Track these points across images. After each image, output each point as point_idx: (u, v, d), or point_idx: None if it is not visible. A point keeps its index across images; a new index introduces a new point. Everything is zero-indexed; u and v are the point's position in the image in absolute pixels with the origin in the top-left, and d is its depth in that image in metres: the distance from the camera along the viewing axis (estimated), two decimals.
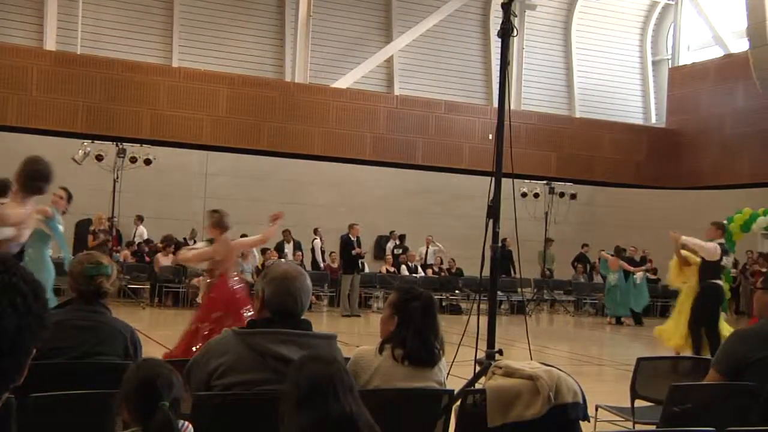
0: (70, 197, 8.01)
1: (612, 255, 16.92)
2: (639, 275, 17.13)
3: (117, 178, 15.22)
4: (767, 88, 18.53)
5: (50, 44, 18.43)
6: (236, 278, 7.41)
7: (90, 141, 16.35)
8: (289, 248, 17.40)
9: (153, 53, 19.61)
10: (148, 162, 16.62)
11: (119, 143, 16.08)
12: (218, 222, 6.94)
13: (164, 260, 16.08)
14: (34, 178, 5.36)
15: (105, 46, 18.85)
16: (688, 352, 9.92)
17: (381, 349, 3.24)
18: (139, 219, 17.45)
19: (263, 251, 16.94)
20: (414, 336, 3.22)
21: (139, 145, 16.87)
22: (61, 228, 7.23)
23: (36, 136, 17.18)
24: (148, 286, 16.13)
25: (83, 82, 17.77)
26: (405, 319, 3.25)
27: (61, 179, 18.30)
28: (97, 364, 3.33)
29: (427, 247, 19.10)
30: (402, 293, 3.37)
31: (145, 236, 17.49)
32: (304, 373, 2.24)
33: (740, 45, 20.87)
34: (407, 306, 3.27)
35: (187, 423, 2.41)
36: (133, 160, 16.30)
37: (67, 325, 3.34)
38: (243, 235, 17.14)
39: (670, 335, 10.51)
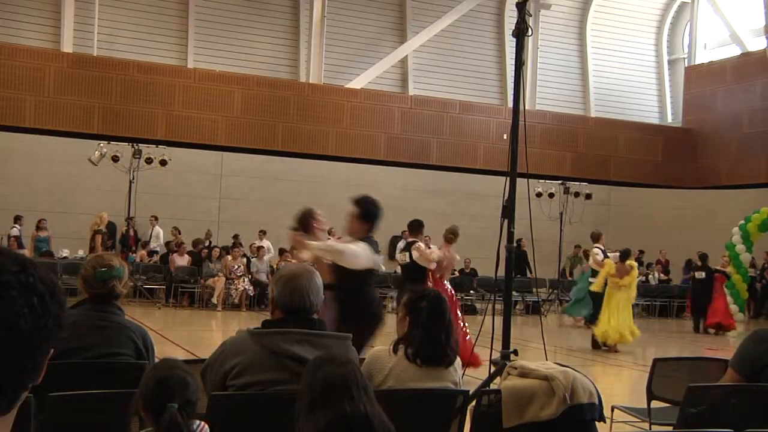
0: None
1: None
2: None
3: (133, 179, 15.31)
4: None
5: (67, 46, 18.56)
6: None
7: (106, 142, 16.45)
8: None
9: (168, 54, 19.71)
10: (163, 163, 16.70)
11: (135, 144, 16.16)
12: (454, 238, 9.33)
13: (179, 260, 16.15)
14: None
15: (121, 48, 18.96)
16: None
17: (395, 349, 3.25)
18: (155, 219, 17.54)
19: (280, 252, 16.98)
20: (423, 335, 3.22)
21: (154, 146, 16.95)
22: None
23: (53, 138, 17.34)
24: (164, 287, 16.21)
25: (99, 84, 17.88)
26: (415, 319, 3.26)
27: (77, 180, 18.46)
28: (112, 365, 3.34)
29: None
30: (413, 293, 3.39)
31: (162, 237, 17.56)
32: (319, 373, 2.25)
33: (758, 43, 20.70)
34: (417, 306, 3.28)
35: (203, 423, 2.41)
36: (149, 160, 16.39)
37: (81, 325, 3.36)
38: (262, 231, 17.37)
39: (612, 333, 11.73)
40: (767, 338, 3.84)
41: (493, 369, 5.43)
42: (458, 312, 9.16)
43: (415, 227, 9.42)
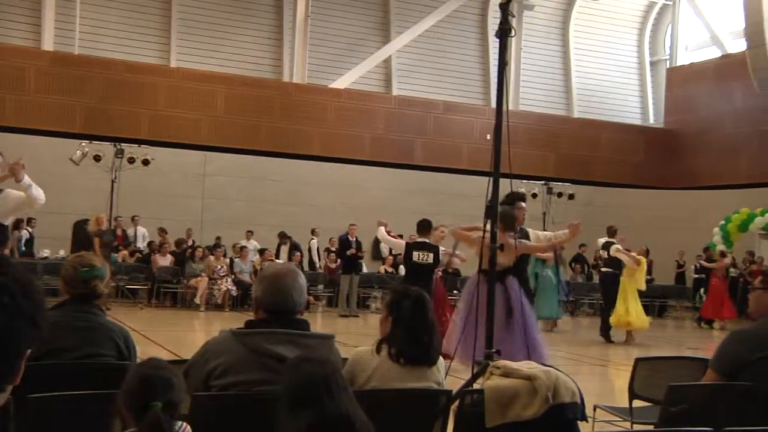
0: None
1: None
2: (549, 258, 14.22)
3: (115, 178, 15.21)
4: (765, 89, 18.55)
5: (48, 44, 18.42)
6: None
7: (88, 141, 16.34)
8: (284, 250, 17.38)
9: (151, 53, 19.61)
10: (146, 162, 16.62)
11: (117, 144, 16.07)
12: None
13: (162, 260, 16.07)
14: None
15: (103, 47, 18.84)
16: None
17: (378, 349, 3.25)
18: (136, 219, 17.44)
19: (261, 252, 16.94)
20: (406, 334, 3.22)
21: (137, 145, 16.87)
22: None
23: (34, 137, 17.18)
24: (146, 287, 16.12)
25: (81, 83, 17.75)
26: (398, 319, 3.27)
27: (59, 179, 18.30)
28: (94, 365, 3.32)
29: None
30: (396, 293, 3.39)
31: (147, 237, 17.47)
32: (298, 373, 2.24)
33: (738, 45, 20.88)
34: (399, 305, 3.29)
35: (185, 424, 2.40)
36: (131, 160, 16.30)
37: (62, 326, 3.33)
38: (249, 233, 17.32)
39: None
40: (746, 338, 3.87)
41: (476, 369, 5.44)
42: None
43: (426, 227, 9.48)
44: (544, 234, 8.46)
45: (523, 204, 7.69)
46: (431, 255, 9.18)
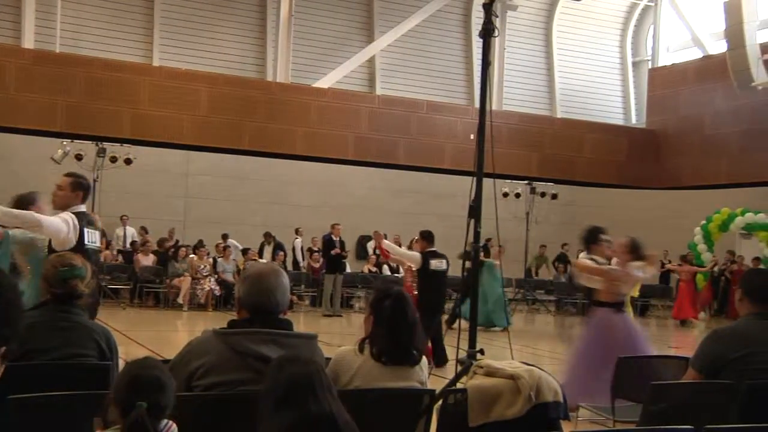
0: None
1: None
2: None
3: (97, 178, 15.09)
4: (745, 90, 18.72)
5: (28, 42, 18.25)
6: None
7: (69, 140, 16.21)
8: (267, 250, 17.33)
9: (133, 52, 19.48)
10: (128, 162, 16.51)
11: (99, 143, 15.94)
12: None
13: (144, 260, 15.98)
14: None
15: (85, 45, 18.69)
16: None
17: (361, 349, 3.25)
18: (124, 219, 17.34)
19: (244, 252, 16.88)
20: (386, 334, 3.23)
21: (119, 144, 16.75)
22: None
23: (15, 136, 17.02)
24: (129, 287, 16.02)
25: (62, 81, 17.60)
26: (378, 318, 3.27)
27: (40, 179, 18.14)
28: (75, 366, 3.29)
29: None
30: (378, 292, 3.39)
31: (135, 237, 17.35)
32: (282, 373, 2.24)
33: (718, 47, 21.06)
34: (381, 305, 3.29)
35: (171, 423, 2.39)
36: (114, 159, 16.19)
37: (42, 326, 3.31)
38: (224, 236, 17.25)
39: None
40: (726, 337, 3.90)
41: (459, 368, 5.45)
42: None
43: (432, 237, 9.77)
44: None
45: (607, 237, 7.20)
46: (444, 261, 9.64)
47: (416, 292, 9.51)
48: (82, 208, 5.37)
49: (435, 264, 9.47)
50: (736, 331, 3.89)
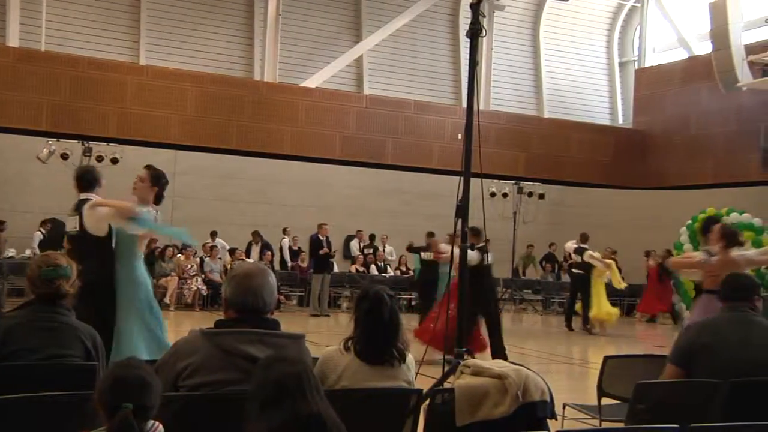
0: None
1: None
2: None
3: None
4: (730, 90, 18.83)
5: (13, 41, 18.11)
6: None
7: (55, 139, 16.10)
8: (255, 249, 17.29)
9: (120, 50, 19.37)
10: (115, 161, 16.41)
11: (85, 142, 15.84)
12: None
13: None
14: None
15: (70, 43, 18.57)
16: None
17: (346, 347, 3.25)
18: None
19: (231, 252, 16.84)
20: (361, 334, 3.23)
21: (105, 143, 16.65)
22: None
23: (0, 135, 16.89)
24: None
25: (48, 80, 17.48)
26: (357, 318, 3.29)
27: (25, 178, 17.96)
28: (60, 366, 3.27)
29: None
30: (360, 292, 3.40)
31: None
32: (270, 373, 2.23)
33: (704, 48, 21.18)
34: (359, 304, 3.31)
35: (157, 423, 2.38)
36: (100, 159, 16.10)
37: (28, 327, 3.28)
38: (213, 233, 17.19)
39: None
40: (695, 327, 4.12)
41: (447, 368, 5.45)
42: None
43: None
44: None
45: (715, 227, 7.04)
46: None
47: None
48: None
49: (488, 258, 9.95)
50: (706, 323, 4.16)
